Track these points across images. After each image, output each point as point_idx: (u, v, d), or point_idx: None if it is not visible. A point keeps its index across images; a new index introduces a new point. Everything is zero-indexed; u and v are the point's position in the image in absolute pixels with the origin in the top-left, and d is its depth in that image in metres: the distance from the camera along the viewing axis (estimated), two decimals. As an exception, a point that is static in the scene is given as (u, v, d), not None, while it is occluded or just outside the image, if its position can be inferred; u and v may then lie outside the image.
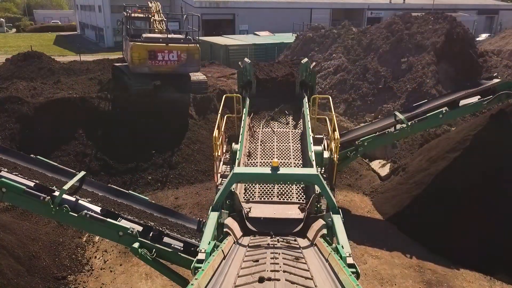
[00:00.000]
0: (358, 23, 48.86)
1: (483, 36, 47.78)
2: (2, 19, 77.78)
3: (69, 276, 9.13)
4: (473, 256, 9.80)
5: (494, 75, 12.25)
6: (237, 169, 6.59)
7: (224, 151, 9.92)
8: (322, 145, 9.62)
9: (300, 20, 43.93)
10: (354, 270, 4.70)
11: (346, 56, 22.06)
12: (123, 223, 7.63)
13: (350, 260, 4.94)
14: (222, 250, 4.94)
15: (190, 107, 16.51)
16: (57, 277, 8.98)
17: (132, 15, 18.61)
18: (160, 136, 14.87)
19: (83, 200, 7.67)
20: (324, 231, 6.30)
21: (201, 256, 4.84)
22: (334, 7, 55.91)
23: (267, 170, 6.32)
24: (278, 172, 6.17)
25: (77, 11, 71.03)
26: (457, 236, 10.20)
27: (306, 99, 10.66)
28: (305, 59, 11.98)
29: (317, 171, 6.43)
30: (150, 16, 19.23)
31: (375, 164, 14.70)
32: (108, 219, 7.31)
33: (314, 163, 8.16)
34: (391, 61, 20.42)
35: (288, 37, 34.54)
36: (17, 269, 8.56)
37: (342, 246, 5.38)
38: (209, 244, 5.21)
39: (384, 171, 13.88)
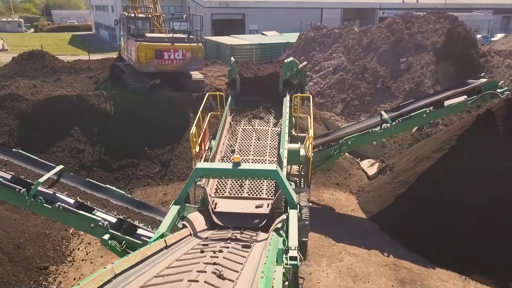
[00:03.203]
0: (369, 23, 48.49)
1: (499, 36, 46.89)
2: (21, 19, 79.79)
3: (51, 266, 9.49)
4: (450, 256, 9.79)
5: (482, 74, 12.16)
6: (199, 165, 6.80)
7: (207, 148, 10.14)
8: (304, 143, 9.76)
9: (311, 20, 43.87)
10: (294, 262, 4.84)
11: (346, 55, 22.04)
12: (99, 215, 7.92)
13: (292, 253, 5.06)
14: (165, 240, 5.12)
15: (186, 106, 16.78)
16: (39, 267, 9.34)
17: (132, 15, 18.98)
18: (155, 133, 15.18)
19: (59, 193, 7.98)
20: (279, 225, 6.43)
21: None
22: (345, 7, 55.60)
23: (229, 166, 6.53)
24: (239, 168, 6.36)
25: (92, 11, 72.38)
26: (435, 236, 10.20)
27: (287, 98, 10.79)
28: (290, 58, 12.12)
29: (276, 167, 6.55)
30: (150, 16, 19.59)
31: (365, 164, 14.73)
32: (80, 211, 7.60)
33: (285, 160, 8.31)
34: (390, 61, 20.32)
35: (295, 37, 34.53)
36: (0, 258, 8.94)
37: (286, 239, 5.52)
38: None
39: (372, 171, 13.91)
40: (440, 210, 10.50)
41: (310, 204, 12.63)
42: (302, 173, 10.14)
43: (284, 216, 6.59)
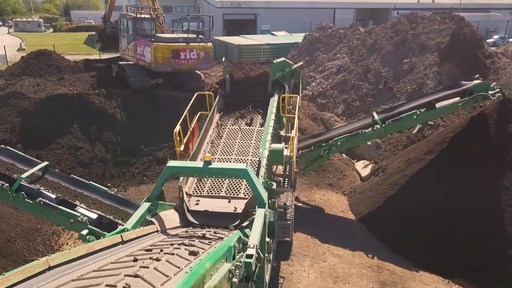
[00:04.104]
0: (383, 23, 47.98)
1: (518, 36, 45.91)
2: (40, 19, 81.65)
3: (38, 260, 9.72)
4: (434, 259, 9.69)
5: (476, 76, 11.93)
6: (170, 163, 6.89)
7: (195, 147, 10.24)
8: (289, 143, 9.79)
9: (324, 21, 43.64)
10: (248, 260, 4.88)
11: (350, 56, 21.93)
12: (81, 211, 8.14)
13: (250, 251, 5.11)
14: (121, 236, 5.22)
15: (185, 105, 16.95)
16: (27, 261, 9.60)
17: (147, 15, 19.39)
18: (153, 132, 15.39)
19: (42, 189, 8.22)
20: (244, 224, 6.51)
21: None
22: (359, 7, 55.16)
23: (199, 165, 6.63)
24: (209, 167, 6.44)
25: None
26: (420, 238, 10.10)
27: (274, 98, 10.83)
28: (281, 59, 12.16)
29: (246, 166, 6.60)
30: (155, 16, 19.90)
31: (359, 165, 14.65)
32: (60, 207, 7.82)
33: (264, 160, 8.35)
34: (394, 62, 20.15)
35: (304, 37, 34.56)
36: (-12, 251, 9.24)
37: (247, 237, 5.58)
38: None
39: (366, 172, 13.82)
40: (426, 213, 10.39)
41: (301, 204, 12.70)
42: (287, 173, 10.18)
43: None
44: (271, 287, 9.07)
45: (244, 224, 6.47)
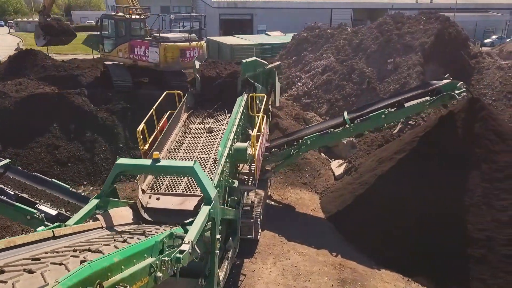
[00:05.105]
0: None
1: (515, 37, 45.77)
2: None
3: (4, 256, 9.86)
4: (396, 258, 9.73)
5: (446, 76, 11.94)
6: (119, 160, 6.98)
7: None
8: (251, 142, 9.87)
9: (321, 21, 43.63)
10: (178, 255, 4.97)
11: (336, 56, 21.95)
12: (41, 208, 8.27)
13: (183, 247, 5.18)
14: (53, 231, 5.30)
15: (167, 104, 17.05)
16: (-6, 257, 9.71)
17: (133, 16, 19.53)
18: (133, 131, 15.48)
19: (2, 185, 8.36)
20: (188, 221, 6.58)
21: None
22: (356, 7, 55.11)
23: (147, 162, 6.71)
24: (157, 164, 6.52)
25: (108, 12, 73.94)
26: (384, 237, 10.14)
27: (241, 97, 10.91)
28: (252, 58, 12.23)
29: (193, 164, 6.67)
30: (144, 16, 20.02)
31: (334, 164, 14.69)
32: (17, 204, 7.93)
33: (223, 158, 8.44)
34: (378, 62, 20.16)
35: (297, 37, 34.52)
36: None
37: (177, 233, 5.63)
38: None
39: (339, 171, 13.87)
40: (390, 212, 10.42)
41: (272, 203, 12.76)
42: (252, 171, 10.27)
43: (202, 213, 6.69)
44: (231, 284, 9.17)
45: (187, 221, 6.55)
